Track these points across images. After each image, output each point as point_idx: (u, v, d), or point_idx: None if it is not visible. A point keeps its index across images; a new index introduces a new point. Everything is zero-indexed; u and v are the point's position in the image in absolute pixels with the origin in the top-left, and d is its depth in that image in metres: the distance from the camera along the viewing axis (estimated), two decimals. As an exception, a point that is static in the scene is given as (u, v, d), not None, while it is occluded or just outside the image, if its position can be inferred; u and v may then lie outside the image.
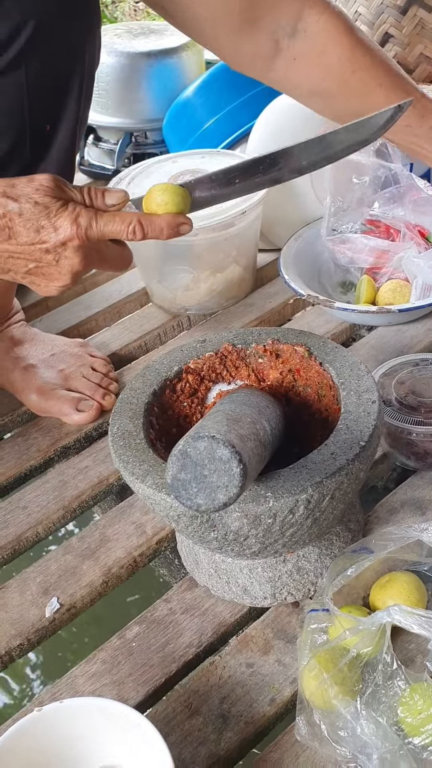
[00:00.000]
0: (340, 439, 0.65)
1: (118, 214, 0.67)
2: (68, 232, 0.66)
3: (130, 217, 0.67)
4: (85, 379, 1.00)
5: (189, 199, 0.69)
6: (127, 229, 0.67)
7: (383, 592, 0.68)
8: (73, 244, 0.66)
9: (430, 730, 0.56)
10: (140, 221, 0.67)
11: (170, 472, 0.55)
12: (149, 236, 0.67)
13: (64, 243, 0.66)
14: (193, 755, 0.63)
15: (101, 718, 0.60)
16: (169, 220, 0.68)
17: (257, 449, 0.58)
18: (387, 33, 1.30)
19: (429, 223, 1.09)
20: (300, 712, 0.61)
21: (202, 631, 0.72)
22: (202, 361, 0.78)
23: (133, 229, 0.67)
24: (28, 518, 0.86)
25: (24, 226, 0.66)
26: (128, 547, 0.81)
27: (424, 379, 0.86)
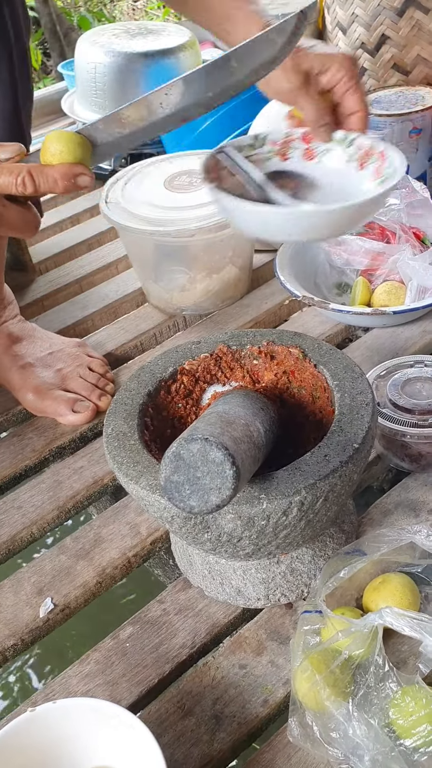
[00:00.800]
0: (334, 441, 0.65)
1: (6, 166, 0.61)
2: None
3: (18, 169, 0.61)
4: (82, 379, 1.00)
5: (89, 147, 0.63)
6: (15, 181, 0.61)
7: (376, 593, 0.69)
8: None
9: (422, 732, 0.56)
10: (30, 172, 0.61)
11: (163, 474, 0.55)
12: (42, 189, 0.62)
13: None
14: (186, 756, 0.63)
15: (94, 719, 0.60)
16: (63, 170, 0.61)
17: (251, 451, 0.59)
18: (384, 35, 1.30)
19: (424, 225, 1.09)
20: (293, 713, 0.62)
21: (196, 632, 0.72)
22: (197, 362, 0.78)
23: (23, 181, 0.61)
24: (23, 518, 0.86)
25: None
26: (122, 548, 0.81)
27: (418, 382, 0.86)
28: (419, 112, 1.20)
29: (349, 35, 1.34)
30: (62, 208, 1.52)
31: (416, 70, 1.31)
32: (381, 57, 1.32)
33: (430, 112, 1.21)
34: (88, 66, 1.47)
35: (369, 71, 1.35)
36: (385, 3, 1.28)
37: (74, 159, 0.61)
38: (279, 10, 1.43)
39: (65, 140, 0.61)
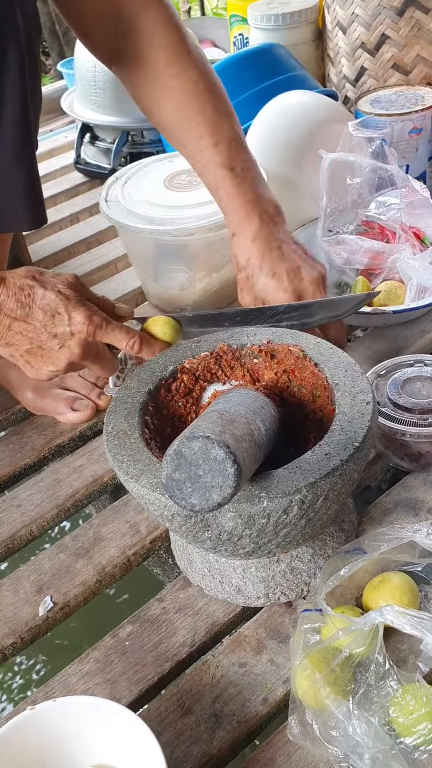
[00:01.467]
0: (335, 439, 0.65)
1: (125, 327, 0.76)
2: (80, 326, 0.73)
3: (134, 333, 0.76)
4: (81, 378, 1.00)
5: (181, 333, 0.81)
6: (128, 341, 0.76)
7: (376, 592, 0.69)
8: (80, 337, 0.74)
9: (422, 730, 0.56)
10: (141, 339, 0.77)
11: (165, 472, 0.55)
12: (143, 353, 0.77)
13: (73, 333, 0.73)
14: (186, 754, 0.63)
15: (94, 717, 0.60)
16: (162, 347, 0.78)
17: (252, 449, 0.58)
18: (384, 34, 1.30)
19: (424, 225, 1.09)
20: (292, 711, 0.62)
21: (196, 630, 0.72)
22: (197, 360, 0.78)
23: (133, 344, 0.76)
24: (22, 517, 0.86)
25: (42, 309, 0.73)
26: (122, 546, 0.81)
27: (418, 381, 0.86)
28: (419, 112, 1.20)
29: (349, 35, 1.34)
30: (61, 206, 1.51)
31: (416, 69, 1.31)
32: (381, 57, 1.32)
33: (430, 112, 1.21)
34: (88, 65, 1.47)
35: (369, 71, 1.35)
36: (385, 3, 1.28)
37: (171, 341, 0.80)
38: (278, 9, 1.43)
39: (171, 327, 0.80)
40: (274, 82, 1.27)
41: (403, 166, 1.20)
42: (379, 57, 1.33)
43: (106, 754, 0.60)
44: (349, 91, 1.39)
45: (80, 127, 1.54)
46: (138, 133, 1.49)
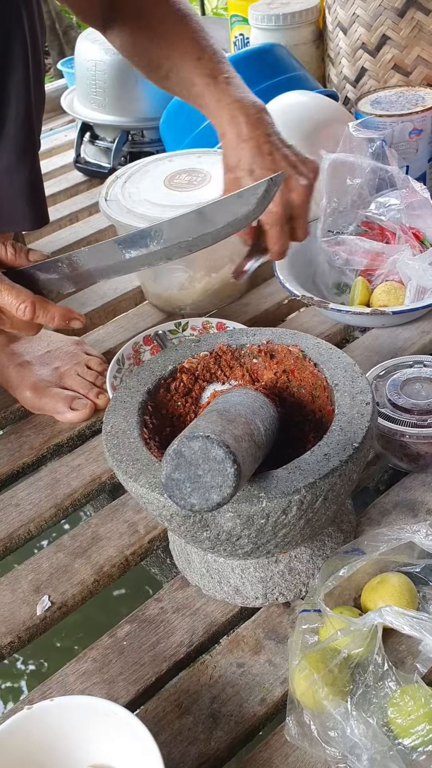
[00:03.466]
0: (334, 440, 0.65)
1: (15, 288, 0.68)
2: None
3: (25, 296, 0.69)
4: (80, 377, 1.00)
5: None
6: (18, 305, 0.68)
7: (374, 593, 0.69)
8: None
9: (420, 731, 0.56)
10: (34, 304, 0.69)
11: (164, 471, 0.55)
12: (39, 320, 0.70)
13: None
14: (183, 754, 0.63)
15: (91, 717, 0.60)
16: (63, 312, 0.71)
17: (251, 449, 0.58)
18: (384, 35, 1.30)
19: (424, 226, 1.09)
20: (290, 712, 0.62)
21: (194, 630, 0.72)
22: (196, 360, 0.78)
23: (24, 308, 0.69)
24: (20, 516, 0.86)
25: None
26: (120, 546, 0.81)
27: (417, 382, 0.86)
28: (419, 113, 1.20)
29: (349, 35, 1.34)
30: (60, 206, 1.51)
31: (417, 70, 1.31)
32: (382, 57, 1.32)
33: (431, 113, 1.21)
34: (88, 64, 1.47)
35: (369, 72, 1.35)
36: (386, 3, 1.28)
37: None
38: (279, 10, 1.43)
39: None
40: (275, 82, 1.27)
41: (403, 167, 1.20)
42: (379, 58, 1.33)
43: (103, 754, 0.60)
44: (349, 92, 1.39)
45: (80, 126, 1.54)
46: (138, 133, 1.49)
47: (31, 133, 0.78)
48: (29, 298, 0.70)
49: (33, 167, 0.79)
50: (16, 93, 0.75)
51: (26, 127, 0.77)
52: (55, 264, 0.72)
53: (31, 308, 0.69)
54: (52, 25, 3.00)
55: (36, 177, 0.80)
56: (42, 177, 0.82)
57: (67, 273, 0.72)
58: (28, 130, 0.77)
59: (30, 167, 0.78)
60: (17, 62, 0.75)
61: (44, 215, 0.83)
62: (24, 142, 0.77)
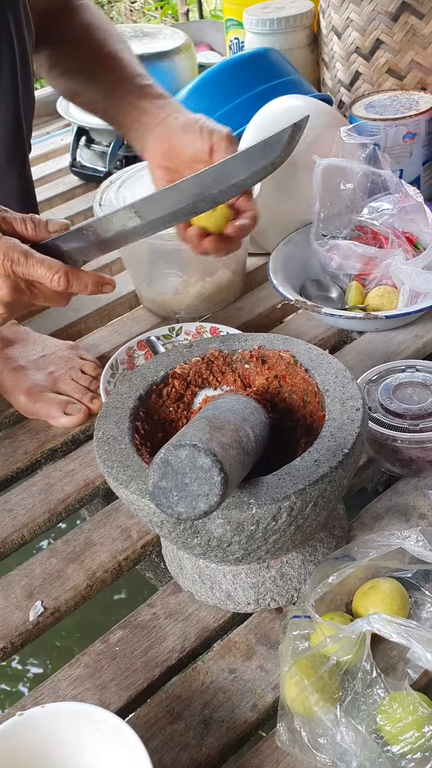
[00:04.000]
0: (324, 446, 0.65)
1: (47, 261, 0.69)
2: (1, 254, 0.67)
3: (58, 267, 0.69)
4: (74, 382, 1.00)
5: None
6: (51, 276, 0.69)
7: (366, 599, 0.69)
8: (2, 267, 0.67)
9: (409, 738, 0.56)
10: (67, 274, 0.69)
11: (151, 479, 0.55)
12: (73, 289, 0.70)
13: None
14: (175, 761, 0.63)
15: (83, 723, 0.60)
16: (95, 279, 0.71)
17: (239, 457, 0.59)
18: (378, 39, 1.31)
19: (417, 230, 1.09)
20: (281, 718, 0.62)
21: (186, 636, 0.72)
22: (188, 366, 0.78)
23: (58, 279, 0.69)
24: (14, 521, 0.86)
25: None
26: (113, 551, 0.81)
27: (410, 386, 0.86)
28: (413, 117, 1.20)
29: (343, 39, 1.34)
30: (56, 210, 1.51)
31: (410, 74, 1.32)
32: (375, 61, 1.32)
33: (424, 116, 1.21)
34: (84, 68, 1.47)
35: (363, 75, 1.35)
36: (379, 8, 1.28)
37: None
38: (274, 14, 1.43)
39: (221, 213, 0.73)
40: (269, 86, 1.27)
41: (396, 171, 1.20)
42: (373, 62, 1.33)
43: (94, 761, 0.60)
44: (343, 96, 1.40)
45: (76, 130, 1.54)
46: (133, 137, 1.49)
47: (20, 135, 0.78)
48: (62, 268, 0.70)
49: (23, 170, 0.79)
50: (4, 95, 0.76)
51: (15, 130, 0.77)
52: (80, 233, 0.72)
53: (65, 278, 0.69)
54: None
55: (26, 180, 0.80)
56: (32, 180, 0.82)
57: (92, 240, 0.72)
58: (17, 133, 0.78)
59: (20, 170, 0.79)
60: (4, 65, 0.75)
61: None
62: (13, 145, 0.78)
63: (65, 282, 0.70)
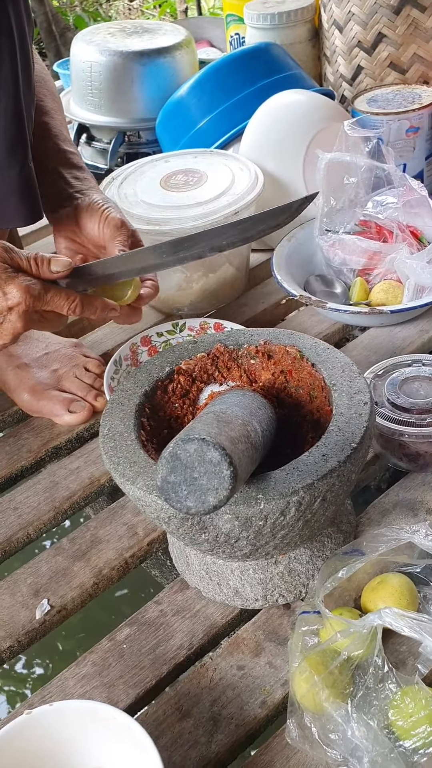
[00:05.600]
0: (332, 440, 0.65)
1: (63, 291, 0.74)
2: (17, 300, 0.71)
3: (73, 297, 0.75)
4: (78, 379, 1.00)
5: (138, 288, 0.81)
6: (69, 306, 0.74)
7: (375, 594, 0.68)
8: (19, 310, 0.72)
9: (421, 733, 0.56)
10: (82, 302, 0.75)
11: (160, 474, 0.54)
12: (86, 314, 0.76)
13: (11, 308, 0.72)
14: (184, 758, 0.63)
15: (91, 721, 0.59)
16: (103, 305, 0.77)
17: (248, 451, 0.58)
18: (380, 33, 1.30)
19: (422, 224, 1.09)
20: (291, 714, 0.61)
21: (193, 633, 0.72)
22: (193, 362, 0.78)
23: (74, 307, 0.75)
24: (19, 519, 0.86)
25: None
26: (119, 549, 0.81)
27: (416, 381, 0.86)
28: (416, 111, 1.20)
29: (345, 33, 1.34)
30: (58, 207, 1.51)
31: (413, 68, 1.31)
32: (378, 55, 1.31)
33: (427, 110, 1.21)
34: (84, 65, 1.47)
35: (365, 70, 1.34)
36: (381, 1, 1.27)
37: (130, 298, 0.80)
38: (274, 8, 1.43)
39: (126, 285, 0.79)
40: (271, 81, 1.26)
41: (400, 165, 1.20)
42: (375, 56, 1.32)
43: (103, 759, 0.60)
44: (345, 90, 1.39)
45: (77, 127, 1.54)
46: (134, 134, 1.49)
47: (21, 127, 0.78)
48: (77, 297, 0.75)
49: (24, 163, 0.78)
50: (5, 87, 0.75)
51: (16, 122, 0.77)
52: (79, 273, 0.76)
53: (80, 306, 0.75)
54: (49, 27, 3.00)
55: (28, 172, 0.79)
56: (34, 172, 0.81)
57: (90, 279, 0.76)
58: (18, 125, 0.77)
59: (21, 163, 0.78)
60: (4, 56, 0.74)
61: (38, 211, 0.83)
62: (14, 137, 0.77)
63: (81, 309, 0.75)
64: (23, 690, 1.17)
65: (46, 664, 1.17)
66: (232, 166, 1.14)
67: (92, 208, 0.85)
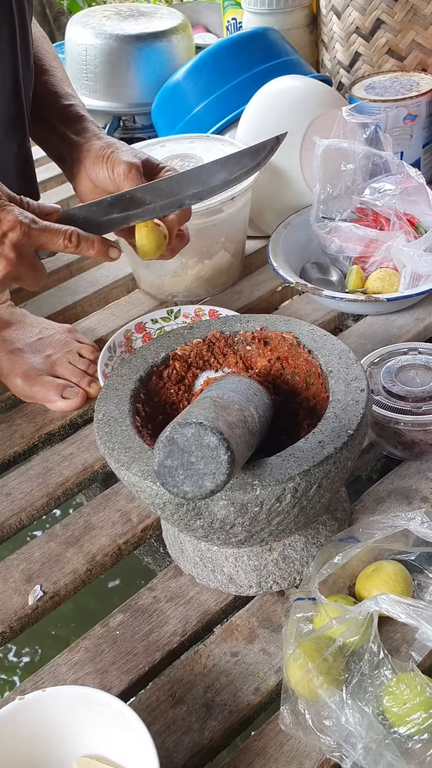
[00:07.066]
0: (328, 427, 0.64)
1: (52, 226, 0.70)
2: (11, 224, 0.68)
3: (66, 228, 0.71)
4: (72, 365, 0.99)
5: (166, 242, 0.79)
6: (64, 236, 0.70)
7: (369, 581, 0.68)
8: (13, 237, 0.68)
9: (416, 719, 0.56)
10: (77, 234, 0.71)
11: (157, 458, 0.54)
12: (81, 250, 0.72)
13: (5, 234, 0.68)
14: (177, 744, 0.63)
15: (84, 707, 0.59)
16: (102, 240, 0.73)
17: (245, 436, 0.58)
18: (379, 19, 1.29)
19: (419, 212, 1.08)
20: (284, 701, 0.61)
21: (187, 619, 0.71)
22: (189, 347, 0.77)
23: (69, 236, 0.71)
24: (12, 505, 0.85)
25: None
26: (113, 535, 0.80)
27: (412, 369, 0.85)
28: (414, 98, 1.19)
29: (343, 19, 1.32)
30: (51, 192, 1.50)
31: (411, 55, 1.30)
32: (376, 42, 1.30)
33: (425, 98, 1.20)
34: (79, 48, 1.45)
35: (363, 56, 1.33)
36: (380, -13, 1.26)
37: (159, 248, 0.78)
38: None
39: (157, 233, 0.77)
40: (268, 66, 1.25)
41: (397, 153, 1.19)
42: (373, 42, 1.31)
43: (96, 745, 0.60)
44: (343, 77, 1.38)
45: (71, 111, 1.52)
46: (130, 118, 1.48)
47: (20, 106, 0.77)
48: (72, 229, 0.71)
49: (22, 142, 0.78)
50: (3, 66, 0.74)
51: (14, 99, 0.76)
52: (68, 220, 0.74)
53: (76, 238, 0.71)
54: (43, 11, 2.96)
55: (26, 151, 0.79)
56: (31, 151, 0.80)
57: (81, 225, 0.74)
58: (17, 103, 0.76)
59: (19, 142, 0.77)
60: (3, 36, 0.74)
61: (35, 190, 0.82)
62: (13, 116, 0.77)
63: (76, 241, 0.71)
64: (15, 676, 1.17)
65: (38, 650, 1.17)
66: (229, 152, 1.13)
67: (96, 158, 0.83)
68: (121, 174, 0.80)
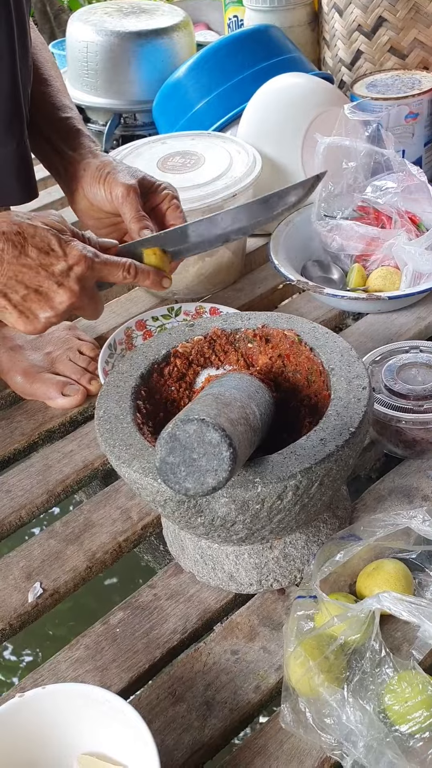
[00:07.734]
0: (330, 425, 0.64)
1: (112, 258, 0.76)
2: (76, 258, 0.72)
3: (126, 260, 0.77)
4: (72, 362, 0.99)
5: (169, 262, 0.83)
6: (123, 269, 0.76)
7: (370, 580, 0.68)
8: (77, 271, 0.72)
9: (417, 717, 0.55)
10: (135, 266, 0.77)
11: (159, 455, 0.54)
12: (138, 280, 0.78)
13: (71, 267, 0.72)
14: (177, 742, 0.63)
15: (84, 705, 0.59)
16: (155, 272, 0.79)
17: (247, 433, 0.57)
18: (381, 17, 1.29)
19: (420, 210, 1.08)
20: (285, 699, 0.61)
21: (187, 617, 0.71)
22: (190, 345, 0.77)
23: (128, 268, 0.76)
24: (12, 502, 0.85)
25: (36, 247, 0.71)
26: (113, 533, 0.80)
27: (414, 367, 0.85)
28: (415, 96, 1.19)
29: (345, 17, 1.32)
30: (52, 189, 1.49)
31: (413, 53, 1.30)
32: (378, 40, 1.30)
33: (427, 96, 1.20)
34: (80, 45, 1.45)
35: (365, 54, 1.33)
36: (382, -15, 1.26)
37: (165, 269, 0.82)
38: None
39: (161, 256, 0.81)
40: (269, 64, 1.25)
41: (399, 151, 1.19)
42: (375, 40, 1.31)
43: (96, 742, 0.59)
44: (344, 75, 1.38)
45: (72, 108, 1.52)
46: (130, 116, 1.47)
47: (17, 104, 0.77)
48: (130, 261, 0.76)
49: (21, 140, 0.77)
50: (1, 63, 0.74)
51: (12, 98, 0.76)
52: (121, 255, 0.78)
53: (134, 268, 0.76)
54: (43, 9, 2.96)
55: (24, 150, 0.78)
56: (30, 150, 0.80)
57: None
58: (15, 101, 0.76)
59: (18, 140, 0.77)
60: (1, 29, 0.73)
61: (33, 189, 0.82)
62: (10, 113, 0.76)
63: (134, 272, 0.76)
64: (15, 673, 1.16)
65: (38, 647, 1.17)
66: (230, 149, 1.13)
67: (93, 178, 0.84)
68: (119, 196, 0.83)
